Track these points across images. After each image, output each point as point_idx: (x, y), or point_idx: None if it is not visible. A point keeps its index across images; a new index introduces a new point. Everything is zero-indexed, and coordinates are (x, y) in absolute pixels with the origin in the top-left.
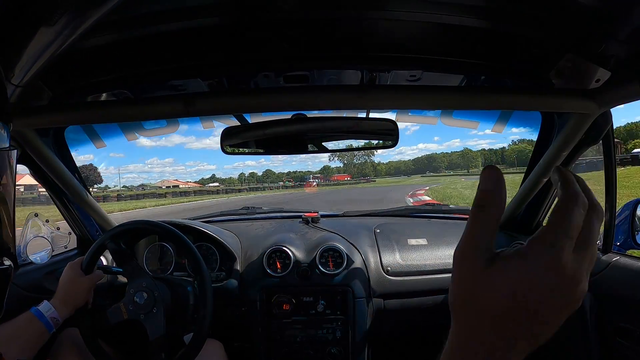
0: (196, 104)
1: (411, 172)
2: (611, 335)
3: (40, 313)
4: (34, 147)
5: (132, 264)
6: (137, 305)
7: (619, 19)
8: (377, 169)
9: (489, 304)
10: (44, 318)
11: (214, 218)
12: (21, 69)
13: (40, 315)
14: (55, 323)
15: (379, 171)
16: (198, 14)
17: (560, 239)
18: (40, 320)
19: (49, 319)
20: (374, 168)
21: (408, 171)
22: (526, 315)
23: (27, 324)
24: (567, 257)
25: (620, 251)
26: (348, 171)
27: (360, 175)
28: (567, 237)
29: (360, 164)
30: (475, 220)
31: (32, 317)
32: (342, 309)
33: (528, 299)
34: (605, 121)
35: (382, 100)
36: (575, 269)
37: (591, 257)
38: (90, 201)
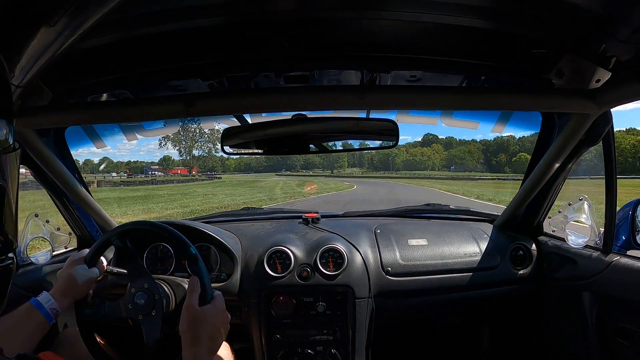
0: (196, 105)
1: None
2: (612, 335)
3: (39, 304)
4: (34, 147)
5: (134, 263)
6: (136, 306)
7: (619, 19)
8: (226, 163)
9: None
10: (43, 309)
11: (214, 219)
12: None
13: (40, 306)
14: (55, 314)
15: (227, 166)
16: (198, 14)
17: None
18: (40, 310)
19: (48, 309)
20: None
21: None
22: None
23: (26, 315)
24: None
25: (620, 251)
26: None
27: (207, 170)
28: None
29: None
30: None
31: (32, 308)
32: (342, 309)
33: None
34: (605, 121)
35: (382, 101)
36: None
37: None
38: (91, 201)
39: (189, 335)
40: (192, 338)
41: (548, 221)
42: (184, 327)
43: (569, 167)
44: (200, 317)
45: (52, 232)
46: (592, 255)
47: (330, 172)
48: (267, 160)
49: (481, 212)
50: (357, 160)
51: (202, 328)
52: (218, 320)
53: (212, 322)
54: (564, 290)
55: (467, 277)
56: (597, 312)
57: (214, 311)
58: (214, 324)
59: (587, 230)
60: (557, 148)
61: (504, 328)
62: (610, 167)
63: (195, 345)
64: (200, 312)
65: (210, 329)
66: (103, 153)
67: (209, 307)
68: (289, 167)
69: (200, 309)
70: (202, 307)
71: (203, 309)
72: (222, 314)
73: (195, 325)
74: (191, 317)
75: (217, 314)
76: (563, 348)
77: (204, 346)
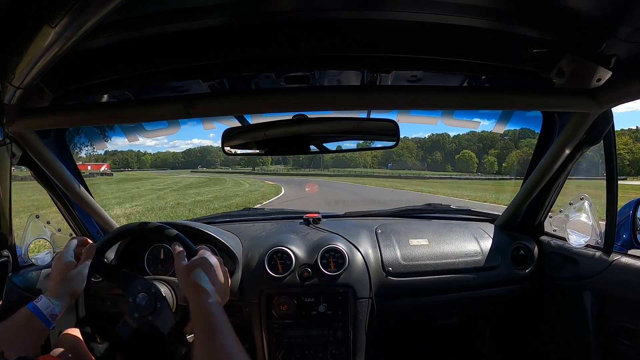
0: (197, 106)
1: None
2: (613, 335)
3: (38, 310)
4: (35, 148)
5: (119, 274)
6: (140, 309)
7: (619, 18)
8: (142, 159)
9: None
10: (42, 315)
11: (214, 219)
12: (22, 71)
13: (39, 313)
14: (54, 318)
15: (143, 162)
16: (198, 16)
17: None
18: (39, 317)
19: (47, 315)
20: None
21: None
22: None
23: (25, 322)
24: None
25: (621, 251)
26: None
27: (122, 165)
28: None
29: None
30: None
31: (31, 315)
32: (343, 309)
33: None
34: (606, 121)
35: (383, 101)
36: None
37: None
38: (92, 202)
39: (189, 292)
40: (192, 292)
41: (549, 221)
42: (183, 287)
43: (570, 167)
44: (191, 269)
45: (53, 234)
46: (593, 255)
47: (252, 169)
48: (184, 157)
49: (482, 211)
50: (280, 157)
51: (196, 278)
52: (207, 263)
53: (203, 267)
54: (565, 290)
55: (468, 277)
56: (598, 312)
57: (201, 259)
58: (205, 268)
59: (588, 230)
60: (557, 147)
61: (505, 328)
62: (611, 166)
63: (197, 296)
64: (188, 266)
65: (203, 275)
66: None
67: (196, 258)
68: (208, 163)
69: (188, 262)
70: (190, 260)
71: (191, 262)
72: (210, 258)
73: (188, 279)
74: (183, 274)
75: (204, 260)
76: (564, 348)
77: (204, 293)
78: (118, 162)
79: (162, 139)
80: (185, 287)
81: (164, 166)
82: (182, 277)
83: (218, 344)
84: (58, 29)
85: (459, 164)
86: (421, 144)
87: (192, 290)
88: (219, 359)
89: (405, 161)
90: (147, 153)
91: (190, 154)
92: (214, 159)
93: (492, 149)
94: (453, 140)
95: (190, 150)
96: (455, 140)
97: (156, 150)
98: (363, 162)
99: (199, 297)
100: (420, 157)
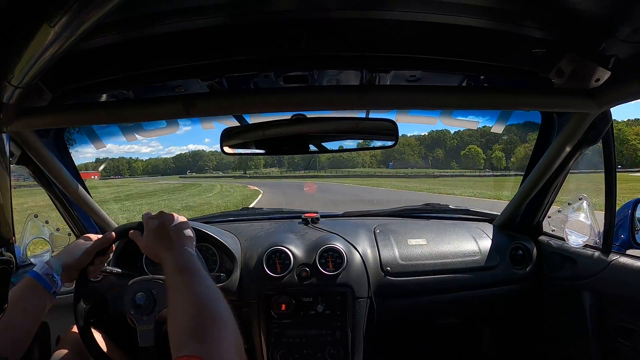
0: (196, 105)
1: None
2: (612, 334)
3: (34, 272)
4: (33, 148)
5: (118, 274)
6: (134, 305)
7: (618, 18)
8: (133, 166)
9: None
10: (38, 276)
11: (213, 219)
12: (21, 70)
13: (35, 274)
14: (51, 280)
15: (134, 169)
16: (197, 15)
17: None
18: (35, 278)
19: (43, 275)
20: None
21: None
22: None
23: (23, 285)
24: None
25: (620, 251)
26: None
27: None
28: None
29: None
30: None
31: (29, 278)
32: (341, 309)
33: None
34: (605, 120)
35: (382, 101)
36: None
37: None
38: (90, 202)
39: (155, 257)
40: (154, 255)
41: (548, 221)
42: (151, 257)
43: (569, 167)
44: (146, 238)
45: (52, 233)
46: (591, 255)
47: (243, 173)
48: (175, 162)
49: (481, 211)
50: (276, 160)
51: (152, 243)
52: (155, 226)
53: (152, 232)
54: (563, 290)
55: (466, 277)
56: (597, 312)
57: (147, 223)
58: (154, 231)
59: (587, 230)
60: (556, 147)
61: (504, 328)
62: (610, 166)
63: (161, 255)
64: (143, 236)
65: (155, 236)
66: None
67: (145, 229)
68: (200, 168)
69: (142, 234)
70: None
71: (144, 232)
72: (155, 218)
73: (148, 246)
74: (144, 247)
75: (151, 223)
76: (563, 347)
77: (166, 250)
78: (109, 169)
79: (157, 145)
80: (151, 257)
81: (155, 172)
82: (144, 251)
83: (195, 286)
84: (57, 28)
85: (465, 160)
86: (421, 140)
87: (154, 255)
88: (191, 296)
89: (408, 159)
90: (139, 160)
91: (181, 159)
92: (205, 163)
93: (495, 144)
94: (454, 137)
95: (181, 155)
96: (457, 137)
97: (148, 157)
98: (361, 161)
99: (162, 255)
100: (423, 154)
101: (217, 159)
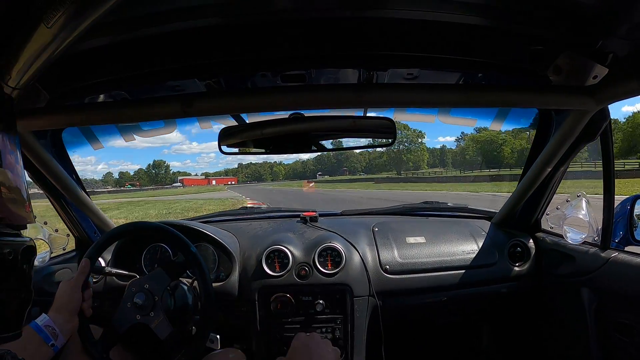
0: (194, 105)
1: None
2: (611, 331)
3: (35, 324)
4: (31, 149)
5: (117, 274)
6: (135, 305)
7: (616, 15)
8: (275, 170)
9: None
10: (41, 331)
11: (212, 218)
12: (18, 72)
13: (36, 327)
14: (52, 332)
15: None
16: (194, 15)
17: None
18: (36, 331)
19: (42, 327)
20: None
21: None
22: None
23: (25, 337)
24: None
25: (618, 247)
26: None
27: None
28: None
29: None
30: None
31: (30, 329)
32: (341, 308)
33: None
34: (602, 118)
35: (380, 99)
36: None
37: None
38: (88, 202)
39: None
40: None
41: (546, 218)
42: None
43: (567, 164)
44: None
45: (50, 234)
46: (590, 252)
47: (397, 174)
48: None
49: (479, 209)
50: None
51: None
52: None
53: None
54: (562, 287)
55: (465, 275)
56: (595, 308)
57: (296, 341)
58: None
59: (585, 227)
60: (554, 145)
61: (503, 325)
62: (608, 163)
63: None
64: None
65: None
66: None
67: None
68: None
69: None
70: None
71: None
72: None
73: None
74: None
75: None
76: (562, 344)
77: None
78: (250, 174)
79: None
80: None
81: (295, 177)
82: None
83: None
84: (54, 29)
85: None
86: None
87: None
88: None
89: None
90: (282, 163)
91: (322, 159)
92: (353, 164)
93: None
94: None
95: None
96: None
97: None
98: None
99: None
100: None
101: (367, 160)
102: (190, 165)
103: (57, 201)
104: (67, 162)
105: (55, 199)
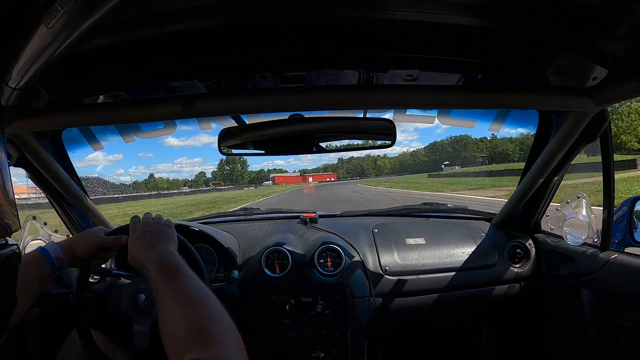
0: (194, 106)
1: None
2: (611, 332)
3: (45, 251)
4: (31, 149)
5: (117, 275)
6: (134, 305)
7: (616, 16)
8: (379, 164)
9: None
10: (49, 256)
11: (212, 219)
12: (18, 72)
13: (46, 253)
14: (59, 263)
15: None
16: (195, 16)
17: None
18: (45, 257)
19: (54, 257)
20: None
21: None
22: None
23: (33, 260)
24: None
25: (618, 249)
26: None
27: (356, 174)
28: None
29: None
30: None
31: (38, 254)
32: (341, 309)
33: None
34: (602, 119)
35: (379, 100)
36: None
37: None
38: (88, 203)
39: (137, 264)
40: (136, 261)
41: (546, 219)
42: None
43: (567, 165)
44: (131, 243)
45: (50, 234)
46: (590, 253)
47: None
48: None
49: (479, 210)
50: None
51: (132, 248)
52: (137, 233)
53: (136, 237)
54: (562, 288)
55: (465, 276)
56: (595, 310)
57: (133, 229)
58: (137, 237)
59: (585, 228)
60: (554, 146)
61: (503, 326)
62: (608, 164)
63: (142, 260)
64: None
65: (137, 241)
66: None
67: (130, 234)
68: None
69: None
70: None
71: (129, 238)
72: (138, 222)
73: (130, 256)
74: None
75: (134, 231)
76: (562, 345)
77: (146, 253)
78: (351, 170)
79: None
80: (135, 264)
81: (403, 171)
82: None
83: (182, 284)
84: (54, 29)
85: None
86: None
87: (139, 264)
88: (184, 297)
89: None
90: (386, 157)
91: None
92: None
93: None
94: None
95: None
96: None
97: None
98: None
99: (146, 258)
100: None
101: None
102: (294, 164)
103: (57, 201)
104: (67, 163)
105: (55, 199)
